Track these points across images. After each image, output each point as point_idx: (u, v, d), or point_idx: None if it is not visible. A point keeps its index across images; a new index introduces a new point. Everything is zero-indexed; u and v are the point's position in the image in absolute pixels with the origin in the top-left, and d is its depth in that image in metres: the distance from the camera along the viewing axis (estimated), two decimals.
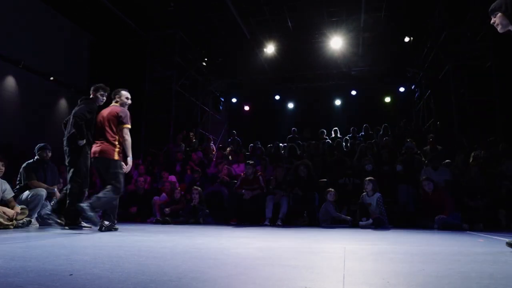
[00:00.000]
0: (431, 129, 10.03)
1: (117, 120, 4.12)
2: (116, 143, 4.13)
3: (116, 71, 10.61)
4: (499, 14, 2.76)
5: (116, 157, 4.09)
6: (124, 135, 4.11)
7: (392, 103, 13.16)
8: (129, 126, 4.18)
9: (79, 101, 4.51)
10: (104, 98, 4.54)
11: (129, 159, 4.18)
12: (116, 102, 4.33)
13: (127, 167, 4.19)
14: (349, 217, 5.85)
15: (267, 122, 13.59)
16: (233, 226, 5.80)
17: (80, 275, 1.37)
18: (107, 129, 4.11)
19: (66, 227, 4.20)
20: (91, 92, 4.51)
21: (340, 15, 9.86)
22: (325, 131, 10.89)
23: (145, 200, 7.05)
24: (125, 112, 4.21)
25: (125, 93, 4.38)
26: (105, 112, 4.25)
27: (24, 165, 5.04)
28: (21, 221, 4.29)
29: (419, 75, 11.93)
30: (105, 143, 4.08)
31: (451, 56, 8.87)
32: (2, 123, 8.52)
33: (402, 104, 13.02)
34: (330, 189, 6.02)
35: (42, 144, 5.21)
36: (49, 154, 5.24)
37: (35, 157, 5.14)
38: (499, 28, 2.67)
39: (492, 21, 2.93)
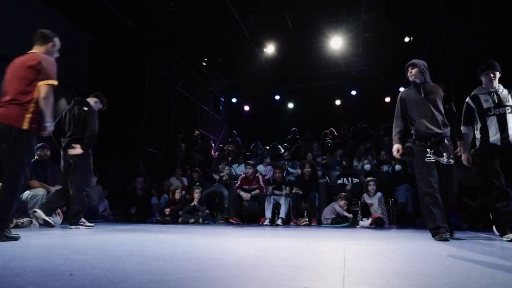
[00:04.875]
0: None
1: (35, 72, 2.83)
2: (30, 106, 2.79)
3: (116, 71, 10.60)
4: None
5: (26, 126, 2.74)
6: (44, 94, 2.80)
7: (392, 103, 13.17)
8: (53, 82, 2.88)
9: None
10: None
11: (48, 124, 2.96)
12: (41, 46, 3.14)
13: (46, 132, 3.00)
14: (351, 215, 5.87)
15: (267, 122, 13.58)
16: (233, 226, 5.80)
17: (80, 275, 1.37)
18: (17, 85, 2.82)
19: None
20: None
21: (340, 15, 9.85)
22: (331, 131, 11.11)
23: (144, 200, 7.06)
24: (50, 62, 2.97)
25: (58, 42, 3.30)
26: (18, 60, 2.94)
27: None
28: (21, 221, 4.29)
29: None
30: (12, 104, 2.77)
31: (451, 56, 8.87)
32: None
33: None
34: (343, 194, 6.00)
35: (40, 144, 5.20)
36: (48, 153, 5.25)
37: (35, 157, 5.12)
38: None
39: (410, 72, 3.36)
